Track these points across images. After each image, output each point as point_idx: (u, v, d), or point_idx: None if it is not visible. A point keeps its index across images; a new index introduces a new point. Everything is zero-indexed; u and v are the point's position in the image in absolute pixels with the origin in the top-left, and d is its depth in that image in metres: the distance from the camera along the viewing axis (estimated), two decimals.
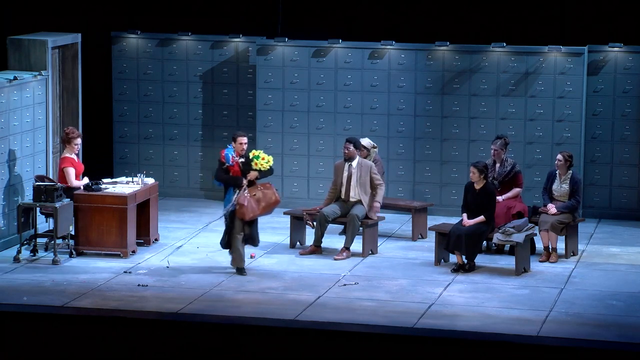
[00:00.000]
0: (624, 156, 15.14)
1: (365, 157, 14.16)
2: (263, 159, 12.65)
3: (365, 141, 14.32)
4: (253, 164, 12.63)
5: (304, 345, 10.35)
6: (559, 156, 13.54)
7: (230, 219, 12.58)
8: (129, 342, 10.36)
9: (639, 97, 15.05)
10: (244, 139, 12.76)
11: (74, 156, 13.53)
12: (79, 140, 13.57)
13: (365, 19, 15.93)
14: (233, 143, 12.76)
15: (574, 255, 13.55)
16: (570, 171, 13.54)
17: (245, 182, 12.63)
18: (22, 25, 15.60)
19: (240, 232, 12.59)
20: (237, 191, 12.57)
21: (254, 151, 12.82)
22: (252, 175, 12.67)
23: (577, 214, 13.64)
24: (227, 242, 12.69)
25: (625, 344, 10.62)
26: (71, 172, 13.44)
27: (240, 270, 12.68)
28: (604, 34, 15.20)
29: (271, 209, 12.77)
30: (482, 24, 15.58)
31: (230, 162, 12.64)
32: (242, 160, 12.71)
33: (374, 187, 13.52)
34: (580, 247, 13.80)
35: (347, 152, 13.61)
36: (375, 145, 14.40)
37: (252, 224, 12.69)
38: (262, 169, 12.69)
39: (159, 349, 10.19)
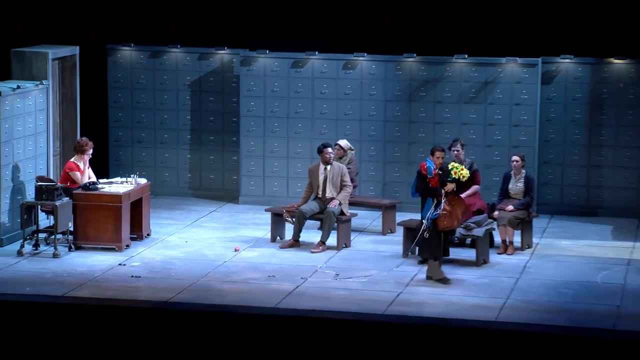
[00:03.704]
0: (574, 158, 15.20)
1: (341, 157, 14.22)
2: (462, 170, 12.19)
3: (343, 142, 14.39)
4: (452, 173, 12.14)
5: (284, 329, 10.35)
6: (516, 157, 13.59)
7: (432, 229, 12.02)
8: (123, 328, 10.33)
9: (588, 104, 15.12)
10: (442, 153, 12.49)
11: (80, 164, 13.52)
12: (90, 151, 13.60)
13: (340, 33, 15.93)
14: (431, 156, 12.46)
15: (529, 247, 13.58)
16: (524, 171, 13.60)
17: (443, 192, 12.13)
18: (25, 39, 15.52)
19: (440, 244, 12.11)
20: (437, 202, 12.04)
21: (453, 162, 12.44)
22: (450, 187, 12.17)
23: (531, 209, 13.68)
24: (432, 252, 12.05)
25: (575, 329, 10.67)
26: (79, 175, 13.48)
27: (445, 280, 12.03)
28: (556, 46, 15.26)
29: (464, 217, 12.38)
30: (446, 38, 15.61)
31: (432, 175, 12.21)
32: (440, 172, 12.26)
33: (341, 187, 13.58)
34: (535, 240, 13.84)
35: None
36: (352, 147, 14.45)
37: (447, 235, 12.22)
38: (461, 178, 12.19)
39: (152, 335, 10.16)
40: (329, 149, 13.72)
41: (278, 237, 13.88)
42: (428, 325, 10.49)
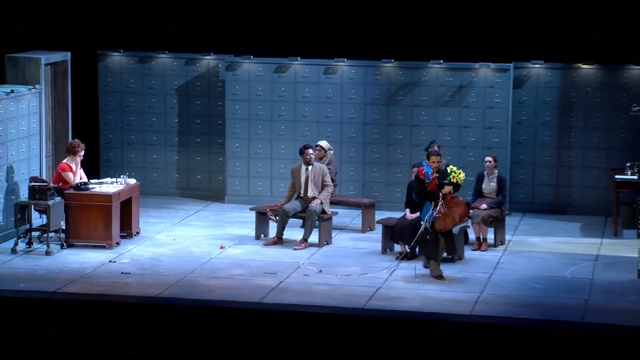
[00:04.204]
0: (545, 158, 15.29)
1: (322, 158, 14.27)
2: (460, 174, 12.10)
3: (324, 143, 14.45)
4: (451, 177, 12.05)
5: (267, 323, 10.36)
6: (489, 158, 13.67)
7: (431, 230, 12.00)
8: (114, 323, 10.31)
9: (558, 108, 15.22)
10: (438, 157, 12.35)
11: (73, 165, 13.51)
12: (82, 153, 13.57)
13: (321, 40, 15.97)
14: (427, 160, 12.37)
15: (501, 244, 13.66)
16: (496, 171, 13.68)
17: (440, 195, 12.07)
18: (19, 45, 15.50)
19: (442, 244, 12.07)
20: (434, 204, 12.01)
21: (451, 167, 12.29)
22: (447, 189, 12.09)
23: (504, 207, 13.76)
24: (431, 252, 12.05)
25: (545, 321, 10.74)
26: (71, 175, 13.44)
27: (440, 277, 12.04)
28: (528, 52, 15.36)
29: (463, 219, 12.31)
30: (423, 44, 15.68)
31: (430, 180, 12.14)
32: (437, 175, 12.18)
33: (322, 187, 13.63)
34: (507, 237, 13.91)
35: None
36: (331, 147, 14.50)
37: (450, 235, 12.18)
38: (459, 182, 12.11)
39: (147, 332, 10.14)
40: (310, 150, 13.77)
41: (262, 235, 13.90)
42: (405, 319, 10.54)
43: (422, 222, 12.19)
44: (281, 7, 16.12)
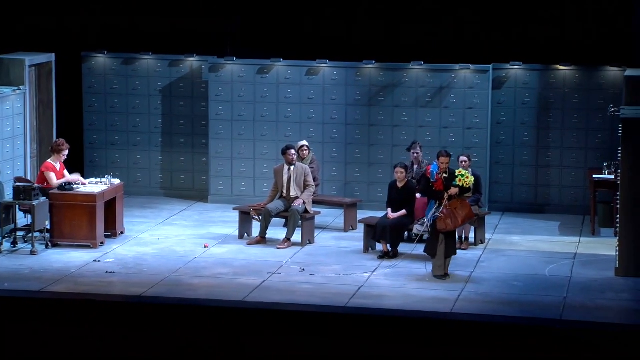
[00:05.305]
0: (524, 158, 15.30)
1: (304, 158, 14.24)
2: (467, 177, 12.04)
3: (305, 143, 14.43)
4: (457, 180, 12.00)
5: (251, 322, 10.30)
6: (464, 157, 13.64)
7: (432, 229, 11.96)
8: (98, 322, 10.23)
9: (536, 108, 15.23)
10: (447, 159, 12.16)
11: (57, 164, 13.40)
12: (66, 152, 13.47)
13: (303, 41, 15.94)
14: (436, 160, 12.27)
15: (482, 243, 13.66)
16: (470, 170, 13.64)
17: (446, 196, 12.00)
18: (3, 46, 15.38)
19: (441, 243, 11.97)
20: (438, 204, 11.95)
21: (460, 170, 12.23)
22: (453, 190, 12.01)
23: (481, 203, 13.75)
24: (431, 250, 12.06)
25: (525, 319, 10.74)
26: (52, 175, 13.32)
27: (443, 276, 12.00)
28: (507, 53, 15.37)
29: (466, 222, 12.20)
30: (403, 45, 15.66)
31: (434, 179, 12.06)
32: (446, 176, 12.08)
33: (305, 187, 13.58)
34: (488, 236, 13.91)
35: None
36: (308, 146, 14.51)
37: (452, 235, 12.07)
38: (465, 185, 12.05)
39: (126, 327, 10.08)
40: (292, 151, 13.72)
41: (245, 234, 13.85)
42: (387, 317, 10.51)
43: (425, 220, 12.16)
44: (263, 9, 16.06)
